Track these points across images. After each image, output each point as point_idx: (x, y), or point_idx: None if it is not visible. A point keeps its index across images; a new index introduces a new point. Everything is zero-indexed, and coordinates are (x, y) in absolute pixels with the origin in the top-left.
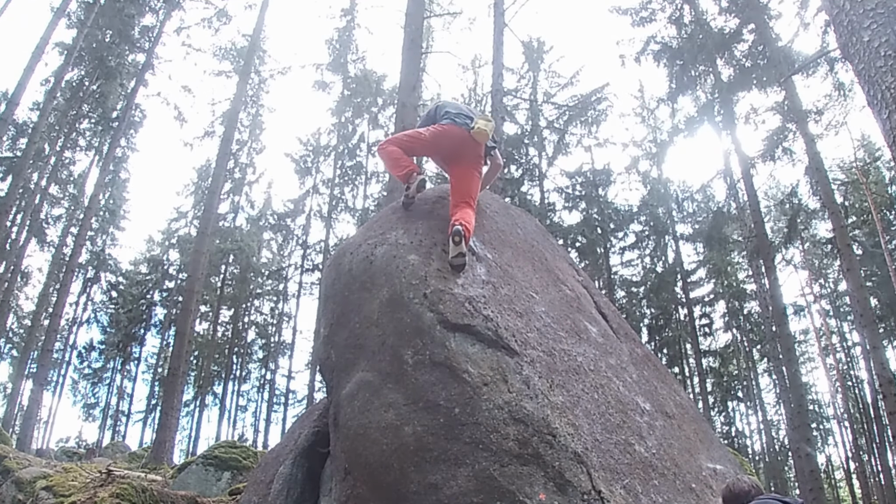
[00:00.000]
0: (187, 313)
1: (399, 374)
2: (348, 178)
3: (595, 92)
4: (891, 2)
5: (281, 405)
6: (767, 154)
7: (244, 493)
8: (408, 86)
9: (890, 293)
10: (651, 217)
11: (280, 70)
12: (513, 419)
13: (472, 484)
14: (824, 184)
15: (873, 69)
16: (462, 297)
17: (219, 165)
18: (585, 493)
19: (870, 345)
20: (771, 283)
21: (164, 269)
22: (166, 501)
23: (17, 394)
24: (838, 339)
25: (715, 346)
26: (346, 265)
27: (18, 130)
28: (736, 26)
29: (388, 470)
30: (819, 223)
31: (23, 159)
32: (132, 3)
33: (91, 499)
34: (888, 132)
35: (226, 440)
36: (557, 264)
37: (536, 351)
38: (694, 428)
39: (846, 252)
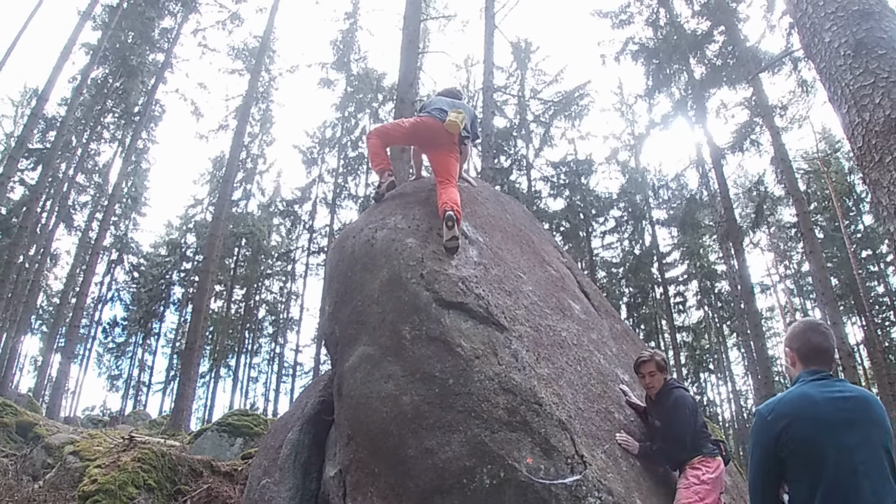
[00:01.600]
0: (203, 292)
1: (398, 348)
2: (351, 168)
3: (578, 88)
4: (850, 6)
5: (289, 376)
6: (736, 146)
7: (255, 457)
8: (406, 83)
9: (848, 273)
10: (629, 203)
11: (288, 69)
12: (502, 389)
13: (465, 449)
14: (789, 173)
15: (834, 68)
16: (456, 277)
17: (232, 156)
18: (569, 457)
19: (830, 321)
20: (739, 264)
21: (182, 251)
22: (184, 465)
23: (47, 366)
24: (801, 315)
25: (688, 322)
26: (349, 248)
27: (48, 124)
28: (707, 28)
29: (387, 436)
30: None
31: (52, 151)
32: (152, 6)
33: (115, 463)
34: (847, 126)
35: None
36: (543, 247)
37: (524, 327)
38: None
39: (808, 236)
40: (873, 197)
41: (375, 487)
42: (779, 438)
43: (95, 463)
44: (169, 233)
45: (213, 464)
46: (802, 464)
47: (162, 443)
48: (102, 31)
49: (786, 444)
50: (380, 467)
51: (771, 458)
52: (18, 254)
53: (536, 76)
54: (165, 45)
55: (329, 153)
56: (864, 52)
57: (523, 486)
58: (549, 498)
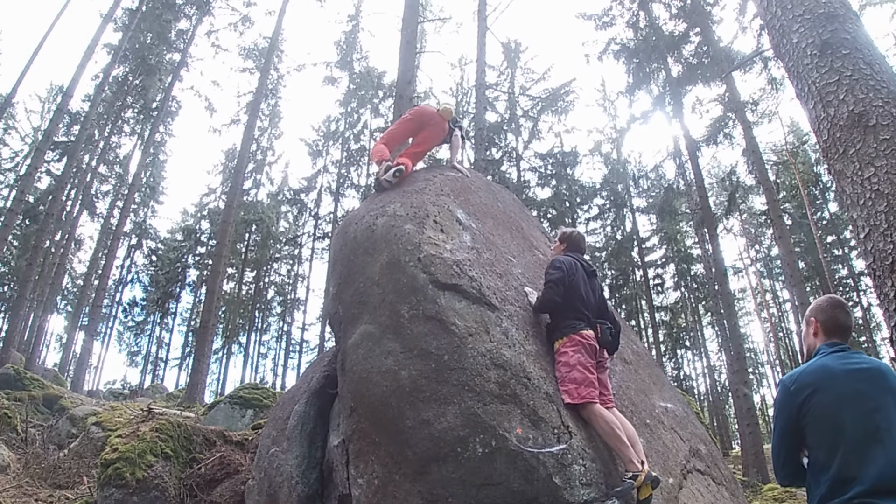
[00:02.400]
0: (216, 274)
1: (397, 327)
2: (353, 159)
3: (564, 86)
4: (816, 9)
5: (296, 353)
6: (711, 139)
7: (265, 427)
8: (404, 81)
9: (815, 257)
10: (611, 192)
11: (295, 67)
12: (494, 364)
13: (459, 420)
14: (759, 164)
15: (801, 66)
16: (450, 261)
17: (243, 148)
18: (556, 427)
19: (798, 301)
20: (713, 248)
21: (197, 236)
22: (198, 435)
23: (71, 343)
24: (771, 296)
25: (666, 302)
26: (352, 233)
27: (72, 119)
28: (684, 30)
29: (387, 408)
30: (755, 198)
31: (76, 143)
32: (169, 9)
33: (134, 433)
34: (813, 120)
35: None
36: (532, 233)
37: (514, 306)
38: (648, 372)
39: (778, 222)
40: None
41: (376, 455)
42: (801, 408)
43: (116, 433)
44: (184, 219)
45: (226, 434)
46: (821, 430)
47: (178, 414)
48: (123, 32)
49: (807, 413)
50: (380, 437)
51: (793, 426)
52: (45, 239)
53: (525, 74)
54: (181, 45)
55: (333, 146)
56: (829, 51)
57: (513, 455)
58: (538, 465)
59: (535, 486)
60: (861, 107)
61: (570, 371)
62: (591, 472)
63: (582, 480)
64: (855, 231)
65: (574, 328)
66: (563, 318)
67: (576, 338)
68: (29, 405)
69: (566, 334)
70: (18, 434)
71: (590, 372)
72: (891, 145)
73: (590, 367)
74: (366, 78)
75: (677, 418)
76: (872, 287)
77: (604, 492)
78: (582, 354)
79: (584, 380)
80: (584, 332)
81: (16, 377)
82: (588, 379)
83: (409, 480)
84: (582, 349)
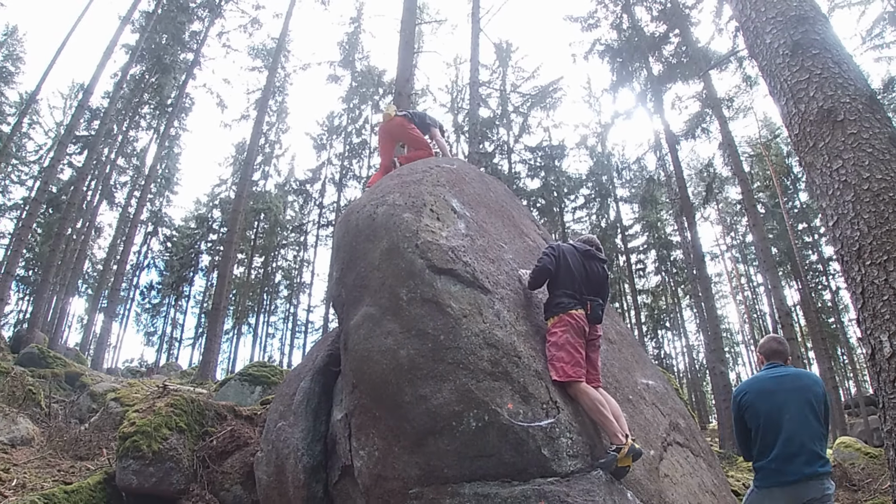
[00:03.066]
0: (227, 260)
1: (396, 308)
2: (355, 152)
3: (552, 84)
4: (788, 11)
5: (302, 333)
6: (689, 133)
7: (272, 402)
8: (403, 79)
9: (787, 244)
10: (596, 183)
11: (301, 66)
12: (486, 344)
13: (454, 396)
14: (734, 157)
15: (774, 65)
16: (446, 247)
17: (252, 142)
18: (545, 403)
19: (771, 284)
20: (692, 235)
21: (209, 224)
22: (210, 410)
23: (92, 324)
24: (745, 280)
25: (648, 286)
26: (354, 222)
27: (93, 114)
28: (664, 31)
29: (387, 385)
30: (730, 188)
31: (96, 137)
32: (183, 12)
33: (150, 408)
34: (785, 116)
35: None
36: (522, 221)
37: (505, 290)
38: (631, 351)
39: (752, 211)
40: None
41: (376, 429)
42: (740, 404)
43: (134, 408)
44: (197, 208)
45: (236, 409)
46: (752, 418)
47: (191, 391)
48: (140, 33)
49: (744, 408)
50: (380, 412)
51: (738, 416)
52: (67, 227)
53: (516, 72)
54: (194, 45)
55: (336, 139)
56: (800, 51)
57: (505, 428)
58: (527, 438)
59: (525, 458)
60: (830, 103)
61: (559, 350)
62: (578, 445)
63: (569, 452)
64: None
65: (564, 308)
66: (554, 297)
67: (565, 318)
68: (52, 382)
69: (556, 314)
70: (42, 409)
71: (577, 352)
72: (857, 139)
73: (578, 347)
74: (367, 76)
75: (658, 394)
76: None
77: (589, 463)
78: (570, 335)
79: (571, 359)
80: (574, 312)
81: (40, 356)
82: (575, 358)
83: (408, 452)
84: (571, 329)
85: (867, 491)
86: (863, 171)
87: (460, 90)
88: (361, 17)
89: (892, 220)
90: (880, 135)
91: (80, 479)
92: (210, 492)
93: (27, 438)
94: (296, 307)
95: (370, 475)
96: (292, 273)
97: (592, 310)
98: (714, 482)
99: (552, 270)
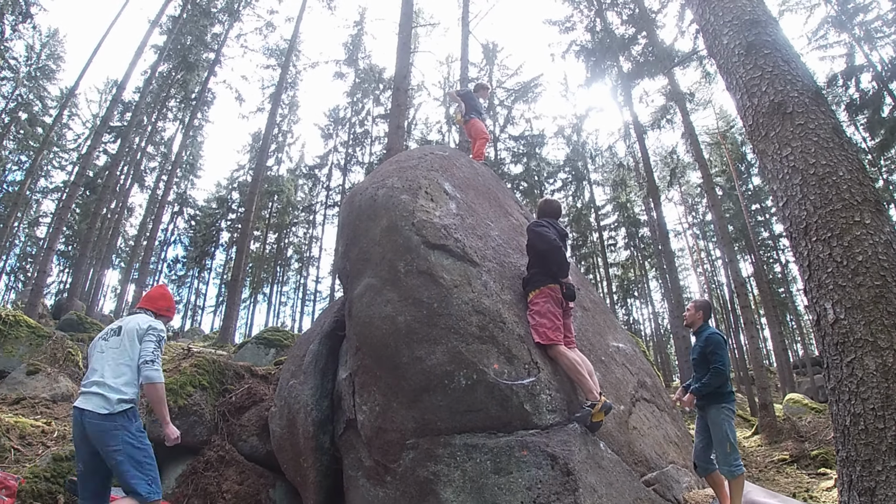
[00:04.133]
0: (244, 236)
1: (395, 280)
2: (358, 141)
3: (533, 80)
4: (743, 15)
5: (311, 301)
6: (655, 124)
7: (285, 363)
8: (401, 76)
9: (742, 222)
10: (573, 168)
11: (310, 64)
12: (475, 311)
13: (446, 357)
14: (695, 145)
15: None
16: (439, 225)
17: (267, 132)
18: (527, 363)
19: (727, 258)
20: (658, 214)
21: (228, 205)
22: (230, 370)
23: (124, 293)
24: (705, 254)
25: (618, 259)
26: (357, 202)
27: (125, 107)
28: (633, 33)
29: (386, 347)
30: (692, 172)
31: (128, 127)
32: (206, 17)
33: (176, 368)
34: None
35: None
36: (506, 202)
37: (492, 263)
38: (603, 318)
39: (711, 193)
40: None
41: (377, 387)
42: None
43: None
44: (218, 191)
45: (252, 368)
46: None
47: (213, 353)
48: (167, 35)
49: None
50: (380, 371)
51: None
52: (102, 207)
53: (501, 70)
54: (216, 46)
55: (342, 130)
56: (753, 51)
57: (491, 386)
58: (511, 395)
59: (510, 413)
60: (780, 97)
61: (542, 318)
62: (556, 401)
63: (548, 407)
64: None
65: (544, 282)
66: (536, 273)
67: (546, 290)
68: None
69: (538, 287)
70: (80, 369)
71: (557, 318)
72: (804, 129)
73: (557, 315)
74: (369, 73)
75: (627, 356)
76: (790, 247)
77: (566, 417)
78: (551, 304)
79: (552, 325)
80: (553, 286)
81: (78, 322)
82: (556, 324)
83: (405, 407)
84: (550, 300)
85: (813, 442)
86: (809, 158)
87: (451, 86)
88: (364, 21)
89: (835, 201)
90: (825, 125)
91: None
92: (229, 442)
93: (67, 395)
94: (305, 278)
95: (371, 427)
96: (302, 248)
97: (568, 289)
98: (677, 434)
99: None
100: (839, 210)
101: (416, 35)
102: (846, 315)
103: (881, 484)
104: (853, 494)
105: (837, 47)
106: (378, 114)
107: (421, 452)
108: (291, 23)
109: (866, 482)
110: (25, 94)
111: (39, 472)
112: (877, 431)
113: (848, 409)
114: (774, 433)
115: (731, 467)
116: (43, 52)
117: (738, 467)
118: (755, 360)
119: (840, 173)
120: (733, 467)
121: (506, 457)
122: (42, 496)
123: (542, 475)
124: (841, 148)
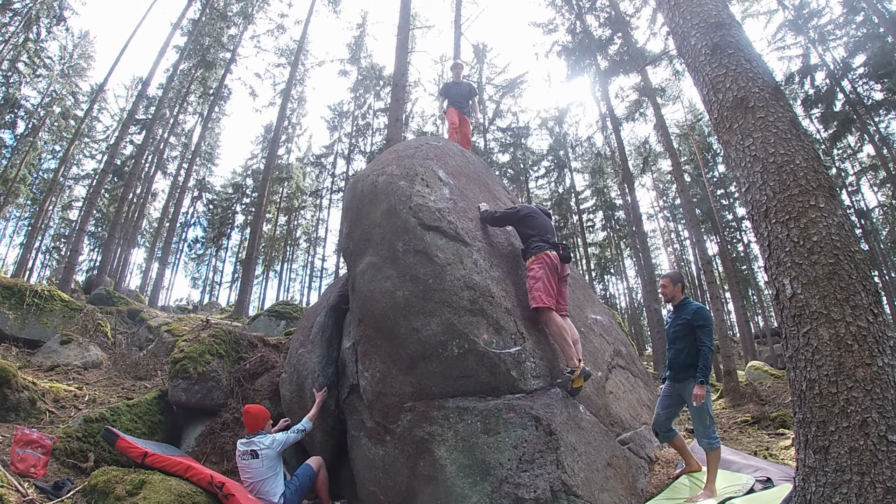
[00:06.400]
0: (258, 219)
1: (393, 258)
2: (361, 132)
3: (519, 77)
4: (709, 19)
5: (318, 278)
6: (630, 117)
7: (294, 333)
8: (399, 73)
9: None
10: (555, 157)
11: (317, 63)
12: (466, 287)
13: (440, 328)
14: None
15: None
16: (434, 208)
17: (278, 124)
18: (513, 334)
19: (695, 238)
20: (632, 199)
21: (243, 190)
22: (244, 340)
23: (149, 270)
24: (675, 235)
25: (596, 240)
26: (360, 188)
27: (149, 102)
28: (609, 35)
29: (386, 319)
30: (663, 161)
31: (152, 120)
32: (223, 20)
33: (196, 338)
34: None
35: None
36: (495, 188)
37: (482, 243)
38: (583, 292)
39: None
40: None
41: (378, 355)
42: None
43: (183, 338)
44: (234, 177)
45: (265, 338)
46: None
47: (229, 324)
48: (188, 36)
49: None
50: (381, 341)
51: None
52: (129, 192)
53: (490, 68)
54: (231, 46)
55: (346, 122)
56: (718, 51)
57: (481, 354)
58: (499, 363)
59: (498, 378)
60: (742, 93)
61: (537, 283)
62: (540, 368)
63: (533, 374)
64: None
65: (540, 249)
66: (532, 241)
67: (542, 256)
68: (117, 317)
69: (534, 254)
70: (109, 339)
71: (551, 284)
72: (765, 122)
73: (552, 281)
74: (370, 71)
75: (604, 327)
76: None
77: (549, 382)
78: (546, 270)
79: (545, 289)
80: (549, 253)
81: (107, 296)
82: (549, 289)
83: (403, 373)
84: (546, 266)
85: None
86: (769, 147)
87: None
88: (366, 24)
89: (793, 186)
90: (783, 118)
91: (139, 396)
92: (244, 405)
93: (97, 363)
94: (313, 257)
95: (373, 392)
96: (310, 230)
97: (564, 250)
98: (649, 398)
99: (497, 217)
100: (796, 195)
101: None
102: (802, 290)
103: (834, 443)
104: (809, 452)
105: (794, 48)
106: (378, 108)
107: (417, 415)
108: (300, 25)
109: (821, 441)
110: (59, 90)
111: (72, 432)
112: (830, 395)
113: (804, 376)
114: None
115: (709, 440)
116: (75, 52)
117: (716, 440)
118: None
119: (797, 161)
120: (712, 440)
121: (494, 418)
122: (74, 454)
123: (527, 435)
124: (798, 139)
